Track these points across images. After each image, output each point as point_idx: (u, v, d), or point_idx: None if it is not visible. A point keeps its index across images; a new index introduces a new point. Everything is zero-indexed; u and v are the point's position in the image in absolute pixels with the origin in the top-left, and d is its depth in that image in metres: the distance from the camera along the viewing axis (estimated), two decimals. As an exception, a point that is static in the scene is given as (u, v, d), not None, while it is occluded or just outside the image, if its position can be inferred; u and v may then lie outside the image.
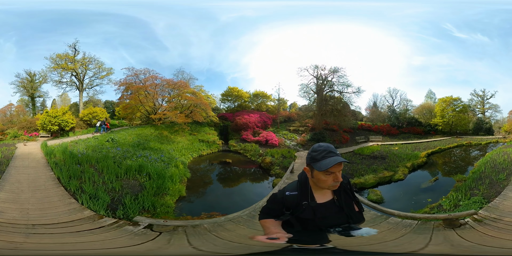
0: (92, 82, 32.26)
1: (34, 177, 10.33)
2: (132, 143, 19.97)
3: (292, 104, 41.27)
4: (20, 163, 12.99)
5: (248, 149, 25.17)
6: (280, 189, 2.57)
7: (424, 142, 30.45)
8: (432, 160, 22.28)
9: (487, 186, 10.14)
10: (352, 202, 2.51)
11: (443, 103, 35.48)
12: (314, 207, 2.37)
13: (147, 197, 9.45)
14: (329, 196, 2.45)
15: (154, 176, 11.72)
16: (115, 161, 13.22)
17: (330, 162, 2.18)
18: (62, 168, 10.95)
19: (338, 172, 2.26)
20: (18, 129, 27.09)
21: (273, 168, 18.60)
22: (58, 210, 7.08)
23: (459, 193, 9.95)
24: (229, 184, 17.11)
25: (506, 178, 10.62)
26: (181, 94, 28.66)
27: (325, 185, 2.31)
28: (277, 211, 2.50)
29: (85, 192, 8.76)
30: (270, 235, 2.27)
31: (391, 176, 16.32)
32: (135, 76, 28.56)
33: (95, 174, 10.88)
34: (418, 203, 11.58)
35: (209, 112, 29.24)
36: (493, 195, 9.04)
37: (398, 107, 39.37)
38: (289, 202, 2.43)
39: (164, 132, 25.59)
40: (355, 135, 32.93)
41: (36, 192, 8.50)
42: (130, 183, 10.72)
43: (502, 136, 31.02)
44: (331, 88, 32.35)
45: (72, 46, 30.67)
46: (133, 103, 28.21)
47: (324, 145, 2.30)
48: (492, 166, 13.04)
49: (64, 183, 9.43)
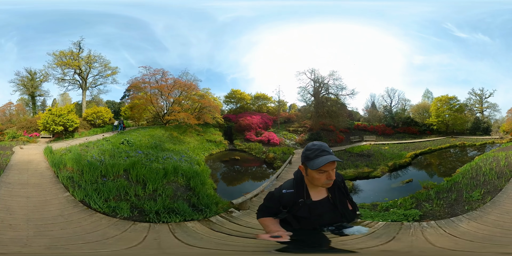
0: (96, 81, 27.68)
1: (38, 203, 6.19)
2: (149, 145, 17.01)
3: (291, 105, 39.05)
4: (14, 177, 8.46)
5: (253, 147, 24.70)
6: (277, 188, 2.36)
7: (416, 142, 28.24)
8: (418, 161, 20.46)
9: (445, 204, 7.06)
10: (345, 200, 2.33)
11: (438, 102, 32.31)
12: (310, 205, 2.18)
13: (203, 193, 8.38)
14: (324, 193, 2.26)
15: (191, 175, 10.21)
16: (145, 166, 10.00)
17: (323, 161, 2.00)
18: (85, 185, 7.33)
19: (331, 171, 2.07)
20: (17, 129, 22.65)
21: (275, 162, 19.11)
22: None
23: (407, 201, 7.77)
24: (243, 174, 18.26)
25: (481, 199, 6.99)
26: (190, 96, 26.52)
27: (319, 183, 2.12)
28: (275, 209, 2.26)
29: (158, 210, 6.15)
30: (272, 233, 2.07)
31: (369, 172, 16.08)
32: (152, 75, 25.08)
33: (135, 187, 7.79)
34: (376, 199, 10.78)
35: (216, 114, 27.44)
36: (438, 216, 6.26)
37: (396, 106, 36.20)
38: (286, 200, 2.21)
39: (174, 133, 23.04)
40: (351, 135, 31.33)
41: (47, 232, 4.56)
42: (174, 186, 8.91)
43: (499, 136, 27.61)
44: (327, 90, 30.99)
45: (77, 43, 26.11)
46: (142, 103, 25.04)
47: (317, 144, 2.13)
48: (472, 176, 9.52)
49: (100, 207, 6.05)
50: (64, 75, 26.22)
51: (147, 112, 26.16)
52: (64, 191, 7.10)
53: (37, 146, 16.77)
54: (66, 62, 25.36)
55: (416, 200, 7.81)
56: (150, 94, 24.53)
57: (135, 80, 24.91)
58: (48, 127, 19.71)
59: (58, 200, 6.45)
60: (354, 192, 13.03)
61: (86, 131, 22.53)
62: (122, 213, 5.88)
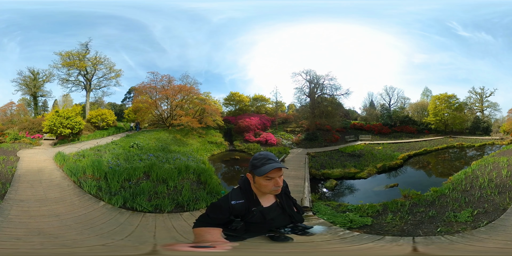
0: (100, 83, 26.65)
1: (77, 220, 5.45)
2: (157, 147, 16.99)
3: (289, 105, 38.78)
4: (27, 192, 6.96)
5: (251, 148, 24.77)
6: (222, 198, 2.23)
7: (412, 142, 26.94)
8: (410, 163, 19.24)
9: (411, 220, 5.76)
10: (291, 204, 2.36)
11: (437, 101, 30.63)
12: (262, 211, 2.14)
13: (213, 184, 9.51)
14: (272, 199, 2.25)
15: (200, 171, 10.84)
16: (160, 168, 10.41)
17: (268, 167, 2.01)
18: (116, 191, 7.37)
19: (278, 177, 2.07)
20: (18, 129, 21.59)
21: None
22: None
23: (373, 208, 6.73)
24: (244, 172, 17.28)
25: (472, 221, 5.18)
26: (192, 100, 26.53)
27: (266, 190, 2.10)
28: (220, 220, 2.12)
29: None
30: (202, 243, 1.91)
31: (355, 173, 15.56)
32: (160, 81, 25.11)
33: (161, 186, 8.27)
34: (352, 200, 10.37)
35: (217, 117, 27.19)
36: (385, 231, 5.16)
37: (395, 105, 34.81)
38: (237, 211, 2.11)
39: (177, 135, 23.03)
40: (347, 134, 30.75)
41: (131, 246, 4.21)
42: (188, 182, 9.50)
43: (499, 137, 25.37)
44: (322, 91, 30.77)
45: (85, 44, 25.54)
46: (146, 107, 24.72)
47: (263, 154, 2.13)
48: (466, 188, 7.47)
49: (146, 208, 6.47)
50: (69, 76, 25.62)
51: (150, 115, 25.85)
52: (97, 201, 6.58)
53: (43, 150, 15.72)
54: (72, 62, 24.81)
55: (384, 208, 6.66)
56: (156, 98, 24.41)
57: (142, 84, 24.87)
58: (55, 130, 18.81)
59: (98, 211, 5.91)
60: (335, 191, 12.94)
61: (91, 134, 21.82)
62: (168, 209, 6.45)
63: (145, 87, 24.40)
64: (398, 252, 2.73)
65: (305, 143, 27.91)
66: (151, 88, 24.42)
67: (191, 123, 23.58)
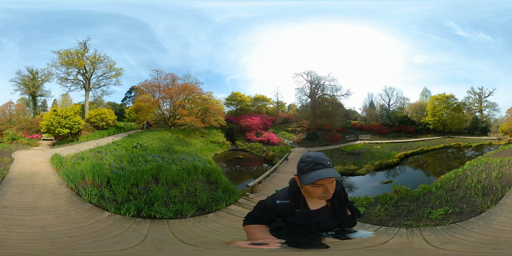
0: (100, 82, 25.34)
1: (76, 232, 4.55)
2: (161, 148, 16.01)
3: (290, 105, 37.97)
4: (14, 198, 5.93)
5: (254, 147, 24.39)
6: (269, 197, 2.09)
7: (410, 141, 26.61)
8: (407, 162, 19.23)
9: (392, 213, 5.96)
10: (345, 207, 2.06)
11: (435, 101, 29.89)
12: (307, 214, 1.93)
13: (225, 183, 9.06)
14: (322, 203, 1.99)
15: (209, 171, 10.19)
16: (168, 170, 9.51)
17: (314, 176, 1.71)
18: (123, 199, 6.37)
19: (328, 184, 1.76)
20: (17, 129, 20.30)
21: (275, 159, 19.31)
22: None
23: (366, 200, 7.24)
24: (248, 169, 18.81)
25: (441, 220, 5.21)
26: (194, 100, 25.53)
27: (314, 196, 1.85)
28: (265, 218, 2.02)
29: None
30: (257, 240, 1.87)
31: (354, 170, 15.71)
32: (164, 79, 24.06)
33: (173, 189, 7.65)
34: (350, 194, 10.53)
35: (219, 117, 26.44)
36: (368, 220, 5.56)
37: (395, 105, 34.25)
38: (280, 211, 1.96)
39: (180, 135, 21.98)
40: (347, 134, 30.39)
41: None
42: (198, 183, 8.91)
43: (497, 137, 24.42)
44: (323, 91, 30.22)
45: (83, 43, 24.23)
46: (148, 106, 23.60)
47: (312, 156, 1.81)
48: (452, 187, 7.41)
49: (167, 215, 5.70)
50: (68, 74, 24.27)
51: (152, 114, 24.76)
52: (100, 212, 5.52)
53: (40, 151, 14.41)
54: (70, 61, 23.54)
55: (376, 201, 7.15)
56: (159, 97, 23.42)
57: (145, 82, 23.83)
58: (52, 130, 17.48)
59: (103, 223, 4.78)
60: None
61: (90, 134, 20.50)
62: (190, 213, 6.00)
63: (148, 85, 23.37)
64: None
65: (306, 142, 27.49)
66: (154, 86, 23.39)
67: (194, 123, 22.73)
